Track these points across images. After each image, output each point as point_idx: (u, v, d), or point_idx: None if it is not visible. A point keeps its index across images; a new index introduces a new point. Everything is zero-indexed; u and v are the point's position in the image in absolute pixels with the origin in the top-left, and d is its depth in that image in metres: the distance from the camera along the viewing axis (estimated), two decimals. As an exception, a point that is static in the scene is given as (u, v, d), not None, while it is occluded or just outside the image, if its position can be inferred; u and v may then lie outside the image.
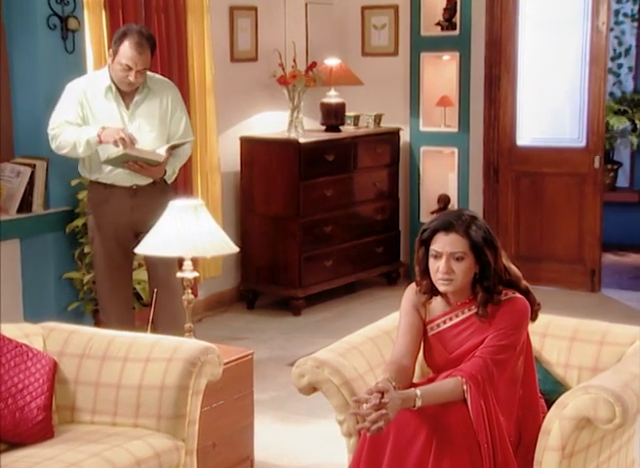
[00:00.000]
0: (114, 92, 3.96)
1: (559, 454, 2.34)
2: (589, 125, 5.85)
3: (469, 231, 2.54)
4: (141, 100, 4.00)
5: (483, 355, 2.47)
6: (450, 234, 2.54)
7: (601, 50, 5.83)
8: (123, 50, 3.84)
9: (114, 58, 3.88)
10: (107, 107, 3.95)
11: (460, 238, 2.54)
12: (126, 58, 3.84)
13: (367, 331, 2.93)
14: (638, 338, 2.71)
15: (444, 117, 6.06)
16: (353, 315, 5.56)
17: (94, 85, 3.98)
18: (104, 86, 3.95)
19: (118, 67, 3.87)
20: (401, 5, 6.26)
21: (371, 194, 6.00)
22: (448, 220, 2.57)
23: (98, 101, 3.95)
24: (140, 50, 3.85)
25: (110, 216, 4.01)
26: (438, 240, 2.56)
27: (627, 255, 7.28)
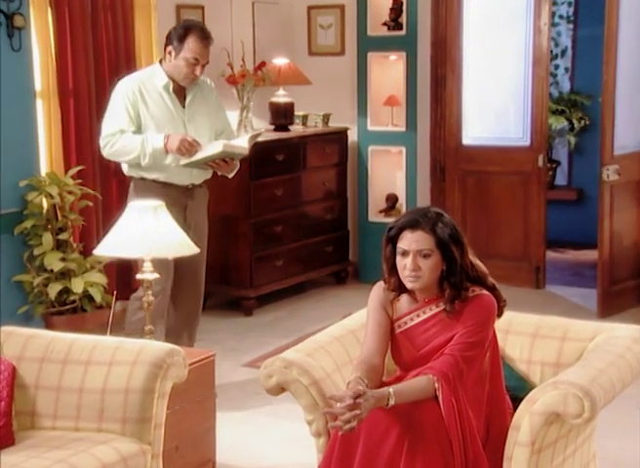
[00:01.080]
0: (171, 90, 3.91)
1: (529, 450, 2.38)
2: (533, 124, 5.95)
3: (435, 228, 2.56)
4: (194, 98, 3.98)
5: (453, 352, 2.50)
6: (416, 231, 2.56)
7: (543, 50, 5.94)
8: (189, 45, 3.83)
9: (176, 54, 3.85)
10: (165, 107, 3.90)
11: (427, 235, 2.56)
12: (193, 53, 3.84)
13: (332, 330, 2.93)
14: (598, 334, 2.76)
15: (391, 116, 6.10)
16: (304, 314, 5.57)
17: (148, 84, 3.91)
18: (161, 84, 3.90)
19: (182, 63, 3.85)
20: (347, 5, 6.28)
21: (320, 194, 6.01)
22: (414, 218, 2.59)
23: (154, 102, 3.89)
24: (206, 43, 3.89)
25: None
26: (405, 237, 2.58)
27: (567, 252, 7.42)
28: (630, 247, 5.54)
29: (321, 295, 6.00)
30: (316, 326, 5.26)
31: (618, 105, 5.27)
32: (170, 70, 3.90)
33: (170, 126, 3.90)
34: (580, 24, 8.02)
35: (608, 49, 5.21)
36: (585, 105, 7.89)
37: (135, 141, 3.84)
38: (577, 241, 7.53)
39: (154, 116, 3.88)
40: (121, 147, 3.85)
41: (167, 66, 3.92)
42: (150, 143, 3.83)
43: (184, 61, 3.84)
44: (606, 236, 5.32)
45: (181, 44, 3.83)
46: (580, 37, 8.00)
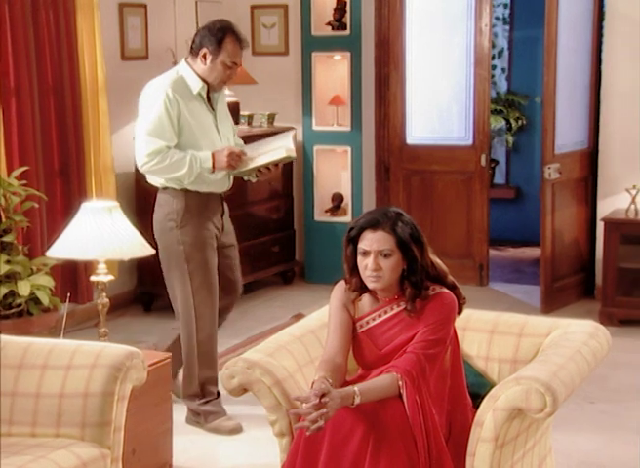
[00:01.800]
0: (204, 94, 3.75)
1: (492, 445, 2.41)
2: (475, 124, 6.04)
3: (396, 228, 2.58)
4: (218, 101, 3.85)
5: (415, 350, 2.52)
6: (377, 231, 2.58)
7: (484, 51, 6.03)
8: (228, 47, 3.67)
9: (214, 58, 3.66)
10: (202, 113, 3.73)
11: (387, 235, 2.58)
12: (232, 56, 3.69)
13: (293, 330, 2.93)
14: (554, 330, 2.82)
15: (336, 116, 6.12)
16: (252, 315, 5.56)
17: (183, 89, 3.70)
18: (197, 89, 3.71)
19: (220, 67, 3.68)
20: (291, 4, 6.29)
21: (266, 193, 6.01)
22: (374, 218, 2.61)
23: (192, 108, 3.70)
24: (243, 45, 3.76)
25: (211, 222, 3.80)
26: (365, 238, 2.59)
27: (506, 250, 7.55)
28: (571, 244, 5.66)
29: (268, 295, 5.99)
30: (265, 326, 5.29)
31: (558, 105, 5.38)
32: (205, 74, 3.70)
33: (206, 132, 3.74)
34: (517, 26, 8.17)
35: (548, 50, 5.31)
36: (522, 105, 8.04)
37: (183, 160, 3.63)
38: (515, 239, 7.67)
39: (194, 123, 3.69)
40: (168, 165, 3.63)
41: (200, 70, 3.71)
42: (199, 163, 3.64)
43: (222, 66, 3.67)
44: (548, 233, 5.42)
45: (219, 47, 3.65)
46: (516, 38, 8.15)
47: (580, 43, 5.63)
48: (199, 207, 3.75)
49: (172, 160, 3.63)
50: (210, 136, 3.75)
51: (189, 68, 3.74)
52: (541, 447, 2.74)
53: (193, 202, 3.73)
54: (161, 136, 3.62)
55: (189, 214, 3.74)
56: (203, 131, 3.72)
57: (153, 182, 3.83)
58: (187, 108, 3.67)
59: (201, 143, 3.71)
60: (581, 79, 5.67)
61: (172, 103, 3.63)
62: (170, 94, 3.64)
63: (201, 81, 3.71)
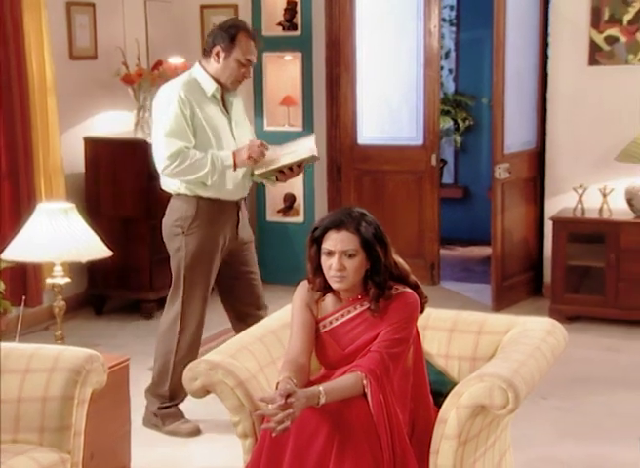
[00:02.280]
0: (218, 96, 3.67)
1: (455, 442, 2.44)
2: (425, 124, 6.09)
3: (360, 228, 2.60)
4: (234, 103, 3.77)
5: (379, 349, 2.53)
6: (341, 232, 2.59)
7: (434, 52, 6.09)
8: (241, 45, 3.59)
9: (227, 55, 3.59)
10: (217, 114, 3.66)
11: (352, 235, 2.59)
12: (247, 53, 3.61)
13: (254, 330, 2.93)
14: (513, 327, 2.86)
15: (288, 116, 6.12)
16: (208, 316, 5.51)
17: (197, 91, 3.63)
18: (211, 90, 3.64)
19: (234, 65, 3.60)
20: (241, 4, 6.27)
21: (218, 194, 5.97)
22: (338, 218, 2.62)
23: (207, 109, 3.63)
24: (256, 42, 3.66)
25: (220, 234, 3.72)
26: (330, 238, 2.60)
27: (455, 249, 7.63)
28: (520, 242, 5.75)
29: (221, 296, 5.95)
30: (219, 327, 5.26)
31: (506, 106, 5.45)
32: (218, 73, 3.64)
33: (220, 134, 3.67)
34: (463, 28, 8.26)
35: (497, 51, 5.38)
36: (469, 106, 8.13)
37: (204, 158, 3.57)
38: (464, 238, 7.76)
39: (208, 125, 3.62)
40: (190, 165, 3.56)
41: (214, 69, 3.65)
42: (220, 161, 3.59)
43: (236, 63, 3.61)
44: (498, 233, 5.49)
45: (232, 44, 3.58)
46: (462, 40, 8.25)
47: (527, 45, 5.73)
48: (210, 215, 3.68)
49: (193, 160, 3.56)
50: (224, 139, 3.68)
51: (202, 70, 3.68)
52: (502, 443, 2.78)
53: (204, 210, 3.67)
54: (179, 137, 3.56)
55: (198, 222, 3.69)
56: (217, 133, 3.66)
57: (167, 188, 3.76)
58: (201, 110, 3.60)
59: (214, 146, 3.64)
60: (529, 80, 5.76)
61: (185, 104, 3.57)
62: (182, 95, 3.58)
63: (215, 82, 3.65)
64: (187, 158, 3.55)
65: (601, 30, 5.54)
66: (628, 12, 5.48)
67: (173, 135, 3.55)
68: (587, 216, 5.32)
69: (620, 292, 5.22)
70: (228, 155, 3.62)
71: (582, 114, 5.61)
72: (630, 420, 3.95)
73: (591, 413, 4.05)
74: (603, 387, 4.36)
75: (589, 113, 5.59)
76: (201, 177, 3.59)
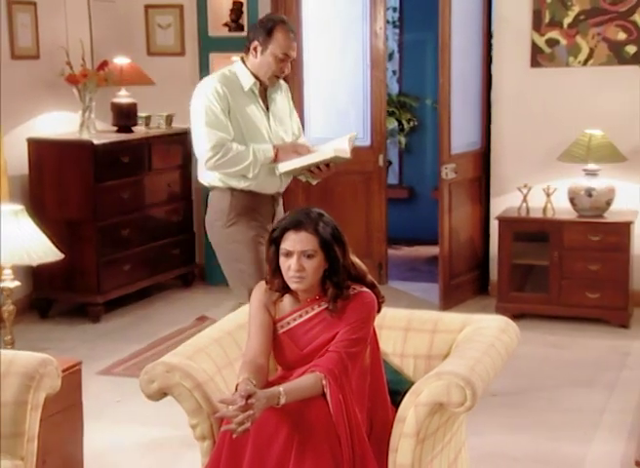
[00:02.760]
0: (256, 91, 3.63)
1: (414, 440, 2.46)
2: (372, 125, 6.13)
3: (318, 228, 2.61)
4: (275, 99, 3.72)
5: (337, 349, 2.55)
6: (300, 232, 2.60)
7: (380, 53, 6.14)
8: (278, 40, 3.54)
9: (263, 50, 3.56)
10: (254, 110, 3.62)
11: (310, 236, 2.60)
12: (284, 48, 3.57)
13: (209, 332, 2.92)
14: (467, 326, 2.90)
15: (235, 117, 6.09)
16: (154, 319, 5.50)
17: (235, 85, 3.62)
18: (249, 85, 3.60)
19: (271, 59, 3.57)
20: (186, 5, 6.24)
21: (165, 196, 5.94)
22: (297, 219, 2.62)
23: (243, 104, 3.60)
24: (293, 37, 3.64)
25: (258, 224, 3.69)
26: (288, 238, 2.61)
27: (401, 249, 7.69)
28: (467, 242, 5.82)
29: (169, 299, 5.93)
30: (168, 329, 5.24)
31: (452, 107, 5.52)
32: (256, 68, 3.64)
33: (255, 130, 3.63)
34: (406, 29, 8.33)
35: (442, 53, 5.44)
36: (414, 107, 8.20)
37: (247, 150, 3.57)
38: (409, 237, 7.83)
39: (242, 120, 3.60)
40: (232, 157, 3.55)
41: (252, 64, 3.65)
42: (262, 153, 3.58)
43: (273, 58, 3.59)
44: (445, 232, 5.56)
45: (269, 38, 3.57)
46: (406, 41, 8.32)
47: (471, 47, 5.80)
48: (245, 206, 3.67)
49: (235, 152, 3.56)
50: (259, 135, 3.66)
51: (243, 65, 3.68)
52: (457, 440, 2.82)
53: (239, 201, 3.67)
54: (220, 129, 3.55)
55: (235, 213, 3.68)
56: (251, 128, 3.63)
57: (202, 180, 3.77)
58: (237, 104, 3.59)
59: (247, 141, 3.62)
60: (473, 82, 5.84)
61: (221, 98, 3.56)
62: (219, 88, 3.58)
63: (253, 77, 3.64)
64: (230, 150, 3.55)
65: (542, 33, 5.65)
66: (568, 15, 5.60)
67: (213, 126, 3.55)
68: (532, 216, 5.42)
69: (563, 289, 5.32)
70: (269, 148, 3.62)
71: (526, 115, 5.71)
72: (576, 415, 4.04)
73: (539, 409, 4.13)
74: (549, 383, 4.45)
75: (532, 114, 5.69)
76: (243, 170, 3.59)
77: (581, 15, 5.56)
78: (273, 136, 3.72)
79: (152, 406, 3.99)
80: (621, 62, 5.51)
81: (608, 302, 5.24)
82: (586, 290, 5.26)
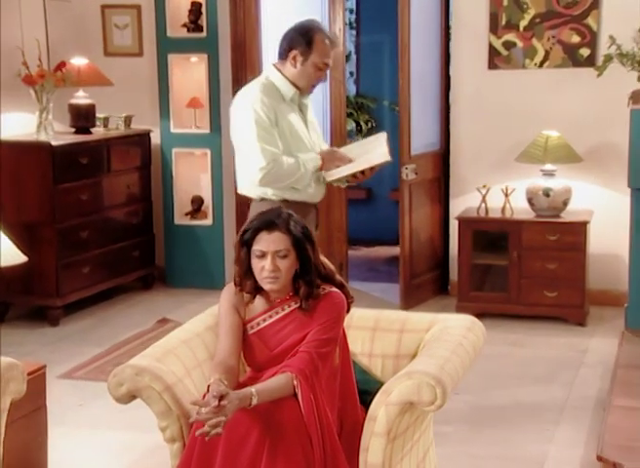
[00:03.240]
0: (296, 100, 3.56)
1: (385, 439, 2.48)
2: (333, 126, 6.15)
3: (290, 228, 2.62)
4: (306, 105, 3.65)
5: (308, 349, 2.55)
6: (273, 232, 2.60)
7: (339, 55, 6.14)
8: (319, 49, 3.49)
9: (304, 59, 3.50)
10: (295, 118, 3.55)
11: (283, 235, 2.61)
12: (325, 56, 3.51)
13: (177, 334, 2.90)
14: (434, 325, 2.93)
15: (195, 119, 6.08)
16: (115, 321, 5.45)
17: (276, 95, 3.55)
18: (290, 95, 3.53)
19: (311, 69, 3.51)
20: (144, 5, 6.19)
21: (124, 197, 5.90)
22: (269, 219, 2.62)
23: (285, 114, 3.52)
24: (333, 45, 3.59)
25: None
26: (262, 239, 2.60)
27: (360, 249, 7.72)
28: (427, 242, 5.87)
29: (129, 301, 5.88)
30: (129, 332, 5.20)
31: (412, 108, 5.56)
32: (295, 77, 3.57)
33: (298, 139, 3.57)
34: (363, 31, 8.37)
35: (402, 55, 5.49)
36: (371, 108, 8.25)
37: (296, 162, 3.51)
38: (368, 238, 7.86)
39: (289, 129, 3.54)
40: (285, 170, 3.49)
41: (291, 73, 3.58)
42: (311, 164, 3.53)
43: (314, 67, 3.53)
44: (406, 232, 5.60)
45: (310, 48, 3.52)
46: (362, 43, 8.36)
47: (430, 49, 5.85)
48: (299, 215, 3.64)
49: (286, 165, 3.49)
50: (302, 144, 3.60)
51: (279, 73, 3.60)
52: (425, 439, 2.84)
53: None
54: (271, 143, 3.47)
55: None
56: (296, 138, 3.57)
57: (248, 193, 3.65)
58: (281, 114, 3.53)
59: (294, 151, 3.56)
60: (432, 83, 5.89)
61: (268, 109, 3.49)
62: (265, 99, 3.50)
63: (293, 86, 3.57)
64: (282, 164, 3.48)
65: (499, 35, 5.72)
66: (524, 18, 5.67)
67: (264, 141, 3.46)
68: (491, 216, 5.48)
69: (522, 288, 5.39)
70: (315, 157, 3.57)
71: (484, 116, 5.78)
72: (538, 411, 4.10)
73: (501, 406, 4.18)
74: (510, 381, 4.50)
75: (490, 115, 5.76)
76: (294, 182, 3.54)
77: (537, 18, 5.64)
78: (312, 145, 3.67)
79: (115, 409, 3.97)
80: (576, 65, 5.60)
81: (565, 301, 5.33)
82: (544, 288, 5.33)
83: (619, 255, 5.42)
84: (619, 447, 3.27)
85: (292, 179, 3.52)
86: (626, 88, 4.85)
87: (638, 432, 3.41)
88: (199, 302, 5.78)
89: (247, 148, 3.52)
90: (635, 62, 4.80)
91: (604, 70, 4.81)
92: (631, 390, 3.87)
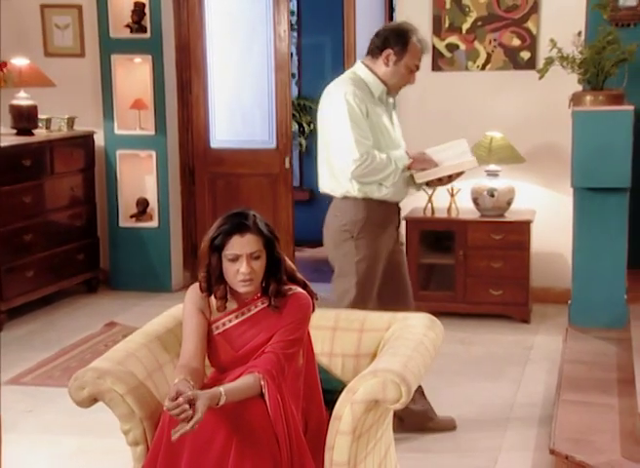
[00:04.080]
0: (384, 98, 3.52)
1: (350, 437, 2.49)
2: (278, 127, 6.16)
3: (260, 228, 2.62)
4: (390, 103, 3.60)
5: (274, 350, 2.56)
6: (246, 235, 2.59)
7: (284, 56, 6.16)
8: (412, 51, 3.45)
9: (398, 59, 3.46)
10: (382, 116, 3.51)
11: (255, 237, 2.60)
12: (417, 59, 3.47)
13: (137, 337, 2.87)
14: (393, 324, 2.96)
15: (139, 120, 6.02)
16: (61, 326, 5.37)
17: (366, 91, 3.53)
18: (378, 92, 3.50)
19: (404, 70, 3.48)
20: (85, 5, 6.11)
21: (68, 200, 5.82)
22: (239, 222, 2.61)
23: (374, 110, 3.50)
24: (425, 48, 3.54)
25: (388, 237, 3.65)
26: (235, 243, 2.59)
27: (304, 251, 7.74)
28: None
29: (74, 305, 5.80)
30: (76, 336, 5.13)
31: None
32: (387, 76, 3.56)
33: (385, 136, 3.57)
34: (304, 33, 8.40)
35: (348, 57, 5.55)
36: (313, 109, 8.26)
37: (387, 159, 3.50)
38: (311, 239, 7.87)
39: (376, 126, 3.53)
40: (378, 164, 3.48)
41: (382, 72, 3.56)
42: (401, 162, 3.51)
43: (405, 68, 3.51)
44: (354, 233, 5.62)
45: (405, 50, 3.50)
46: (304, 44, 8.38)
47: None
48: (379, 218, 3.61)
49: (379, 159, 3.49)
50: (390, 141, 3.58)
51: (368, 70, 3.59)
52: (387, 436, 2.87)
53: (374, 213, 3.60)
54: (365, 137, 3.47)
55: (368, 226, 3.60)
56: (385, 134, 3.56)
57: (331, 191, 3.67)
58: (372, 110, 3.52)
59: (384, 148, 3.54)
60: (378, 85, 5.93)
61: (360, 101, 3.48)
62: (357, 92, 3.49)
63: (382, 84, 3.56)
64: (375, 158, 3.48)
65: (443, 38, 5.80)
66: (466, 21, 5.76)
67: (359, 134, 3.46)
68: (437, 216, 5.55)
69: (468, 287, 5.47)
70: (404, 156, 3.56)
71: (429, 118, 5.84)
72: (488, 407, 4.16)
73: (452, 404, 4.23)
74: (460, 378, 4.56)
75: (435, 117, 5.83)
76: (384, 178, 3.53)
77: (479, 21, 5.74)
78: (398, 143, 3.66)
79: (67, 414, 3.96)
80: (517, 67, 5.70)
81: (510, 299, 5.43)
82: (490, 287, 5.43)
83: (560, 254, 5.54)
84: (569, 440, 3.36)
85: (382, 175, 3.52)
86: (567, 90, 4.96)
87: (587, 425, 3.51)
88: (145, 305, 5.75)
89: (339, 141, 3.51)
90: (575, 65, 4.91)
91: (545, 73, 4.91)
92: (579, 385, 3.98)
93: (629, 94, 4.90)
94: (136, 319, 5.44)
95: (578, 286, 4.88)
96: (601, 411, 3.64)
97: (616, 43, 4.85)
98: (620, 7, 5.23)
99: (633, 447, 3.26)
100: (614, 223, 4.71)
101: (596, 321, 4.76)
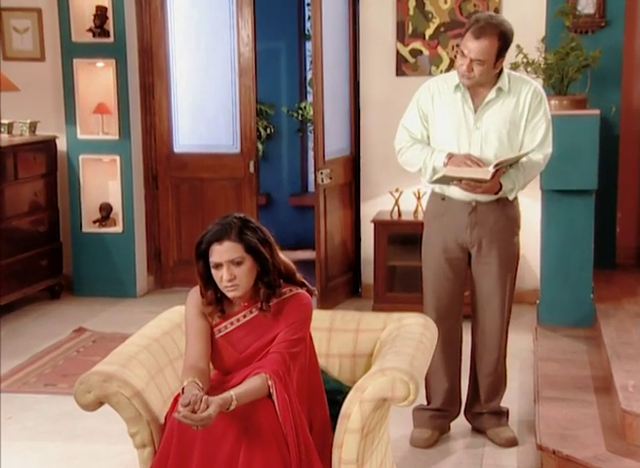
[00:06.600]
0: (464, 91, 3.45)
1: (359, 435, 2.52)
2: (242, 132, 6.17)
3: (241, 235, 2.63)
4: (493, 102, 3.46)
5: (279, 350, 2.58)
6: (224, 242, 2.61)
7: (248, 61, 6.18)
8: (465, 37, 3.36)
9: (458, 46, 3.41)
10: (453, 109, 3.47)
11: (234, 244, 2.62)
12: (463, 45, 3.35)
13: (135, 340, 2.86)
14: (388, 324, 3.00)
15: (102, 125, 5.96)
16: (26, 333, 5.29)
17: (442, 84, 3.57)
18: (453, 84, 3.48)
19: (458, 55, 3.42)
20: (45, 9, 6.04)
21: (30, 205, 5.73)
22: (218, 230, 2.63)
23: (444, 103, 3.53)
24: (478, 34, 3.33)
25: (443, 231, 3.63)
26: (215, 251, 2.62)
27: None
28: (340, 245, 5.95)
29: (38, 312, 5.71)
30: (45, 343, 5.06)
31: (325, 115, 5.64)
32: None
33: (455, 129, 3.51)
34: (259, 38, 8.39)
35: (315, 63, 5.56)
36: (269, 114, 8.28)
37: (420, 155, 3.54)
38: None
39: (441, 118, 3.53)
40: (409, 157, 3.61)
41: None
42: (432, 161, 3.51)
43: (459, 54, 3.43)
44: (321, 236, 5.66)
45: (462, 36, 3.44)
46: (259, 50, 8.38)
47: (340, 57, 5.94)
48: (435, 211, 3.68)
49: (413, 153, 3.61)
50: (460, 135, 3.51)
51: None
52: (386, 434, 2.91)
53: (433, 204, 3.71)
54: (405, 124, 3.70)
55: (427, 216, 3.75)
56: (450, 128, 3.52)
57: (425, 186, 3.79)
58: (439, 103, 3.55)
59: (438, 143, 3.57)
60: (342, 91, 5.99)
61: (422, 95, 3.64)
62: (425, 87, 3.65)
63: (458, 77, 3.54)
64: (410, 149, 3.60)
65: (406, 43, 5.88)
66: (429, 27, 5.86)
67: (403, 127, 3.71)
68: (404, 219, 5.62)
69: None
70: (442, 156, 3.49)
71: (392, 122, 5.81)
72: (465, 407, 4.22)
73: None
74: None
75: (399, 121, 5.86)
76: (417, 172, 3.62)
77: (441, 27, 5.83)
78: (474, 138, 3.50)
79: (48, 421, 3.92)
80: (478, 73, 5.81)
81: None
82: (457, 288, 5.49)
83: (528, 255, 5.64)
84: (555, 435, 3.45)
85: (415, 168, 3.62)
86: (532, 95, 5.07)
87: (569, 421, 3.60)
88: (111, 311, 5.69)
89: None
90: (540, 70, 5.03)
91: (511, 78, 5.02)
92: (555, 382, 4.08)
93: (591, 99, 5.04)
94: (103, 324, 5.39)
95: (546, 286, 4.99)
96: (581, 407, 3.73)
97: (579, 49, 4.99)
98: (579, 14, 5.38)
99: (616, 441, 3.36)
100: (580, 224, 4.84)
101: (564, 320, 4.88)
